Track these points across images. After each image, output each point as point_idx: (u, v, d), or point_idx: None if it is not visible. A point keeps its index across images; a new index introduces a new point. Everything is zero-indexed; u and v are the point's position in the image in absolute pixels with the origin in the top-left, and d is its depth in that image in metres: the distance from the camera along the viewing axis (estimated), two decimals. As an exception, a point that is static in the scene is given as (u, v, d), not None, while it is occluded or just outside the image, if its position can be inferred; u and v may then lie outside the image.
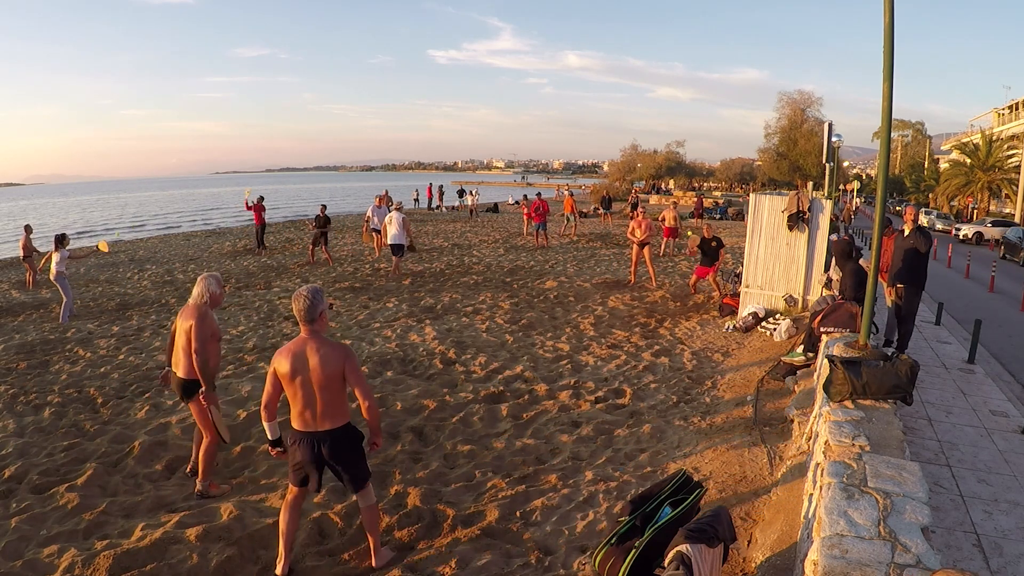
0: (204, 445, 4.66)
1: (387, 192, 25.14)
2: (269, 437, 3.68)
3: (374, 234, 17.39)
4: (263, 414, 3.62)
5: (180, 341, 4.60)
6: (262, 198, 19.06)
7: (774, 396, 6.40)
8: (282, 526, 3.69)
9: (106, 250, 11.98)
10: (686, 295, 11.94)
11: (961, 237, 28.90)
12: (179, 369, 4.65)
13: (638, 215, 13.37)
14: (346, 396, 3.56)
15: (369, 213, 17.75)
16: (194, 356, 4.43)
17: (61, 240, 10.88)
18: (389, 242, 13.93)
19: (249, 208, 18.73)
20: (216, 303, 4.67)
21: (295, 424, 3.54)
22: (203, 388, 4.51)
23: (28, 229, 14.61)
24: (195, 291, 4.63)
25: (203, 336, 4.44)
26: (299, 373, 3.42)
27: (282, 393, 3.56)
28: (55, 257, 10.55)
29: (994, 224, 29.66)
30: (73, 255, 11.46)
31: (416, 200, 40.47)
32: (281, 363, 3.46)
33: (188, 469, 5.02)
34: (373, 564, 3.77)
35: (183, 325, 4.55)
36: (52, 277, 10.55)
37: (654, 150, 57.90)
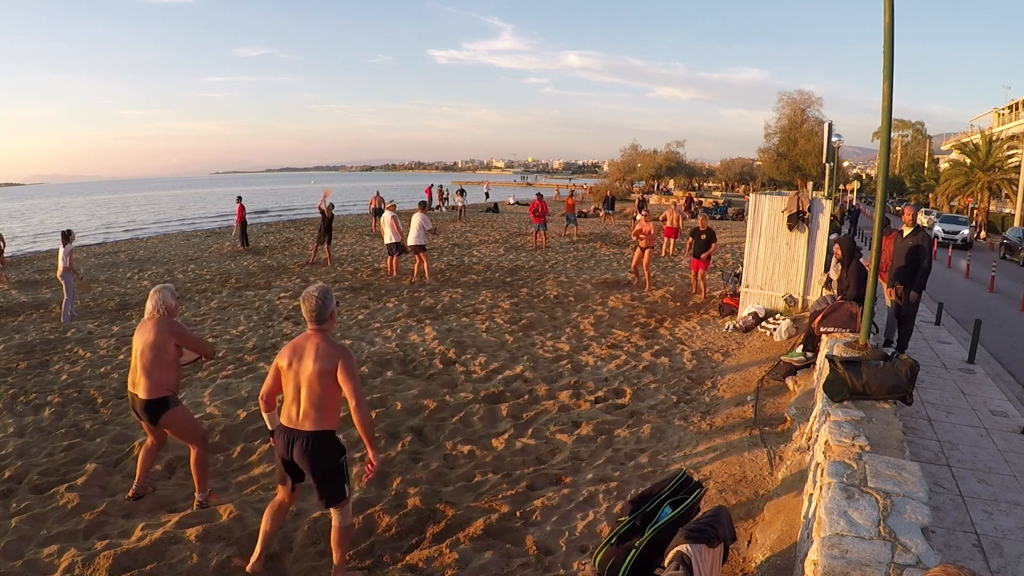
0: (193, 458, 4.40)
1: (378, 193, 25.14)
2: (268, 427, 3.71)
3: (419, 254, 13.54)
4: (261, 405, 3.62)
5: (139, 358, 4.26)
6: (240, 197, 19.32)
7: (774, 396, 6.40)
8: (262, 525, 3.70)
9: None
10: (686, 295, 11.94)
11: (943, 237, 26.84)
12: (139, 390, 4.27)
13: (643, 218, 13.40)
14: (337, 403, 3.46)
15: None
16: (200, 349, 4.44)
17: (68, 236, 10.87)
18: (386, 242, 13.89)
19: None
20: (172, 315, 4.42)
21: (280, 417, 3.54)
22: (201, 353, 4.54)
23: None
24: (149, 305, 4.36)
25: (195, 343, 4.45)
26: (293, 367, 3.44)
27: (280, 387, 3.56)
28: (61, 252, 10.55)
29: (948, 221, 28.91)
30: (81, 286, 11.27)
31: (444, 198, 38.92)
32: (282, 356, 3.50)
33: (131, 494, 4.53)
34: None
35: (145, 339, 4.26)
36: (59, 274, 10.55)
37: (654, 150, 57.93)
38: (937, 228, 26.84)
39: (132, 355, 4.39)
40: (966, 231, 27.20)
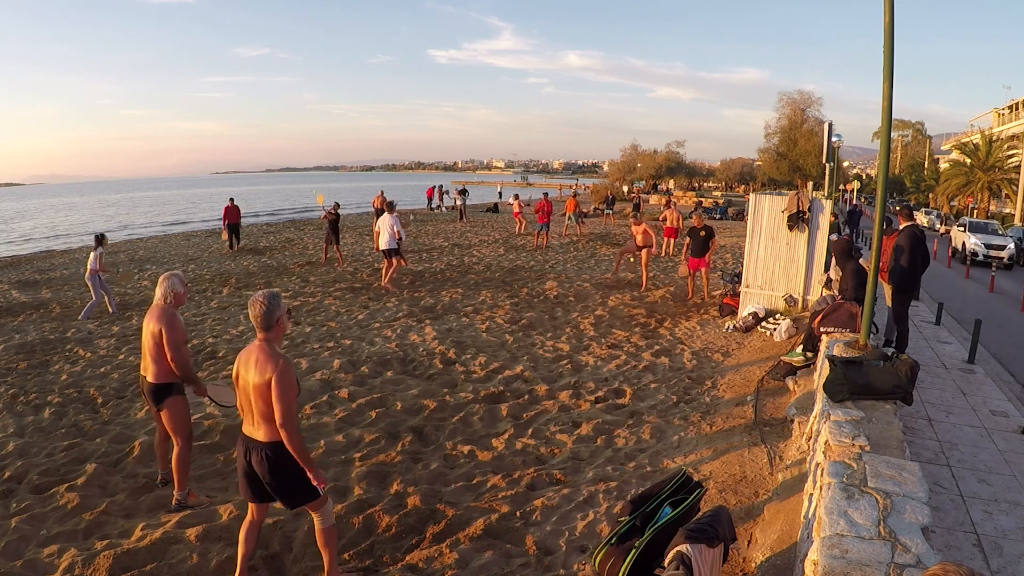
0: (176, 453, 4.47)
1: (382, 193, 25.16)
2: None
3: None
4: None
5: (147, 345, 4.42)
6: (232, 199, 19.70)
7: (774, 396, 6.40)
8: (239, 547, 3.58)
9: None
10: (686, 295, 11.93)
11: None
12: (148, 374, 4.47)
13: (640, 220, 13.28)
14: None
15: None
16: (172, 363, 4.35)
17: (100, 239, 10.89)
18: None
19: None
20: (180, 302, 4.52)
21: (243, 425, 3.45)
22: (195, 389, 4.51)
23: None
24: (158, 292, 4.46)
25: (175, 340, 4.34)
26: (241, 376, 3.33)
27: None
28: (92, 256, 10.58)
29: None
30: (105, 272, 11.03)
31: (452, 197, 38.88)
32: (235, 366, 3.42)
33: (159, 479, 4.81)
34: None
35: (150, 328, 4.39)
36: (87, 276, 10.58)
37: (654, 150, 57.92)
38: (972, 242, 19.90)
39: (142, 339, 4.48)
40: (1012, 245, 19.79)
